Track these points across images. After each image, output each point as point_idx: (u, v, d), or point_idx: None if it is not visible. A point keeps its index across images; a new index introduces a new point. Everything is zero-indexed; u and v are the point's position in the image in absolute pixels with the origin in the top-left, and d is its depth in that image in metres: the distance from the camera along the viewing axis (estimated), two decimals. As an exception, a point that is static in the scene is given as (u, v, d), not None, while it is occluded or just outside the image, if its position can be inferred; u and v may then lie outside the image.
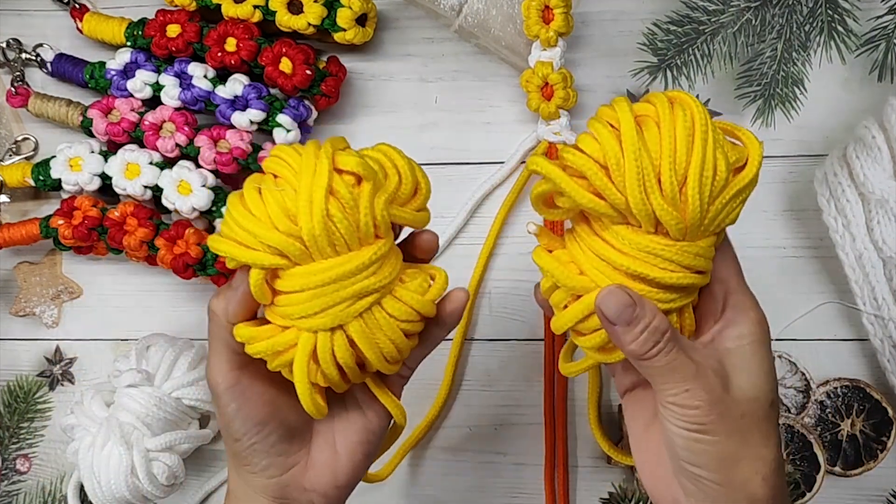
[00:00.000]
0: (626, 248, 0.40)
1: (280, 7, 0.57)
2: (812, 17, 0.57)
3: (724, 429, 0.40)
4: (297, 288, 0.39)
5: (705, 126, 0.39)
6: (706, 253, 0.40)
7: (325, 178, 0.38)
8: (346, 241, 0.39)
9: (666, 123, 0.39)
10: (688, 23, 0.57)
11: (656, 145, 0.38)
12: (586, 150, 0.39)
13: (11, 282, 0.64)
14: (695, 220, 0.39)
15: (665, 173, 0.38)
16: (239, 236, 0.39)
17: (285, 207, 0.38)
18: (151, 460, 0.55)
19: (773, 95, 0.57)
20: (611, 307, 0.39)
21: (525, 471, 0.60)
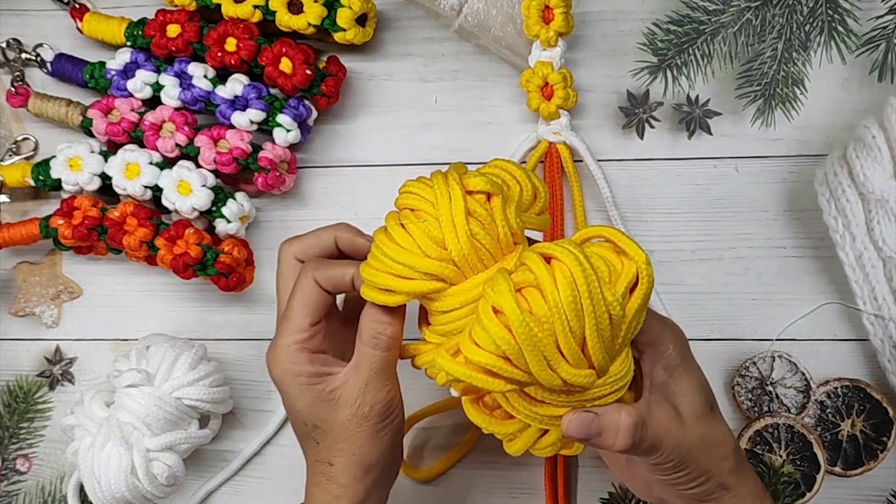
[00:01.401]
0: (549, 399, 0.42)
1: (280, 7, 0.57)
2: (812, 16, 0.57)
3: (695, 454, 0.44)
4: (457, 305, 0.43)
5: (587, 282, 0.39)
6: (622, 370, 0.42)
7: (462, 202, 0.42)
8: (492, 254, 0.43)
9: (550, 293, 0.39)
10: (688, 23, 0.57)
11: (547, 320, 0.38)
12: (482, 345, 0.39)
13: (11, 282, 0.64)
14: (604, 366, 0.40)
15: (564, 344, 0.39)
16: (394, 269, 0.43)
17: (432, 235, 0.42)
18: (151, 460, 0.55)
19: (773, 95, 0.57)
20: (577, 431, 0.42)
21: (525, 471, 0.60)
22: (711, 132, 0.58)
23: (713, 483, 0.45)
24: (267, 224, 0.62)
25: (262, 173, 0.58)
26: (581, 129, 0.59)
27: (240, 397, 0.62)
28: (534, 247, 0.41)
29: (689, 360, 0.46)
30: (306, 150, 0.62)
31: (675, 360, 0.45)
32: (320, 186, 0.62)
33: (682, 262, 0.59)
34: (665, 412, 0.44)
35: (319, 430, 0.45)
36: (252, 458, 0.62)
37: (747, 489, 0.46)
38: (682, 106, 0.58)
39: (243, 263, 0.59)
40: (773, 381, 0.58)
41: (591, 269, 0.39)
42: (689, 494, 0.45)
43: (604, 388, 0.42)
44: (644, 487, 0.49)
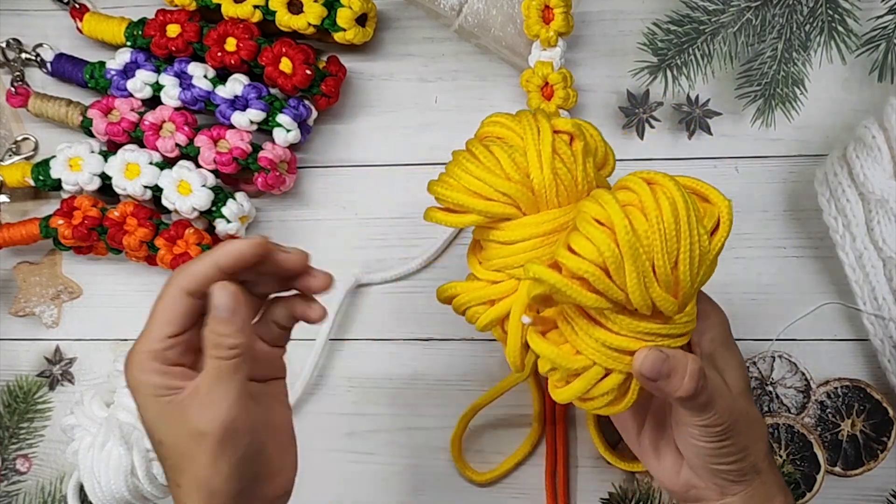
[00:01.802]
0: (626, 331, 0.41)
1: (280, 7, 0.57)
2: (812, 17, 0.57)
3: (739, 427, 0.44)
4: (525, 237, 0.44)
5: (687, 206, 0.40)
6: (693, 316, 0.43)
7: (550, 137, 0.44)
8: (568, 193, 0.44)
9: (652, 212, 0.40)
10: (688, 22, 0.57)
11: (648, 238, 0.39)
12: (583, 254, 0.39)
13: (11, 282, 0.64)
14: (687, 297, 0.41)
15: (659, 264, 0.40)
16: (473, 186, 0.44)
17: (516, 161, 0.43)
18: (151, 460, 0.55)
19: (773, 95, 0.57)
20: (650, 368, 0.41)
21: (525, 471, 0.60)
22: (711, 132, 0.58)
23: (749, 462, 0.45)
24: (267, 224, 0.62)
25: (262, 173, 0.58)
26: (581, 129, 0.59)
27: (240, 397, 0.62)
28: (632, 173, 0.42)
29: (732, 342, 0.47)
30: (306, 150, 0.62)
31: (720, 336, 0.46)
32: (320, 186, 0.62)
33: (682, 262, 0.59)
34: (716, 376, 0.44)
35: (163, 446, 0.42)
36: (252, 458, 0.62)
37: (773, 479, 0.46)
38: (682, 106, 0.58)
39: (243, 263, 0.59)
40: (773, 381, 0.58)
41: (689, 198, 0.40)
42: (726, 471, 0.45)
43: (678, 327, 0.42)
44: (671, 472, 0.48)
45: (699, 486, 0.46)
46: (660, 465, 0.48)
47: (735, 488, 0.46)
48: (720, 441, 0.44)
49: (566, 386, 0.44)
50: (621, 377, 0.43)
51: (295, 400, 0.60)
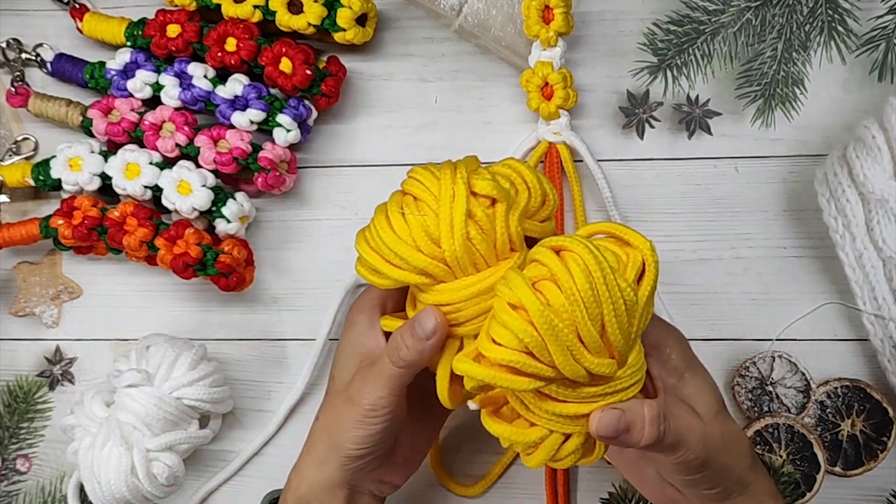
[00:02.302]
0: (572, 399, 0.41)
1: (280, 7, 0.57)
2: (812, 17, 0.57)
3: (715, 453, 0.44)
4: (443, 302, 0.43)
5: (600, 267, 0.39)
6: (638, 363, 0.42)
7: (464, 203, 0.42)
8: (485, 259, 0.43)
9: (565, 283, 0.39)
10: (688, 23, 0.57)
11: (566, 310, 0.38)
12: (503, 342, 0.39)
13: (11, 282, 0.64)
14: (624, 353, 0.40)
15: (584, 332, 0.39)
16: (386, 255, 0.43)
17: (428, 231, 0.43)
18: (151, 460, 0.55)
19: (773, 95, 0.57)
20: (606, 428, 0.41)
21: (525, 471, 0.60)
22: (711, 132, 0.58)
23: (732, 480, 0.45)
24: (267, 224, 0.62)
25: (262, 173, 0.58)
26: (581, 129, 0.59)
27: (240, 397, 0.62)
28: (541, 243, 0.41)
29: (696, 363, 0.46)
30: (306, 150, 0.62)
31: (681, 364, 0.45)
32: (320, 186, 0.62)
33: (682, 262, 0.59)
34: (684, 410, 0.44)
35: (333, 379, 0.50)
36: (252, 458, 0.62)
37: (763, 487, 0.46)
38: (682, 106, 0.58)
39: (243, 263, 0.59)
40: (773, 381, 0.58)
41: (602, 256, 0.39)
42: (710, 494, 0.45)
43: (624, 381, 0.41)
44: (657, 490, 0.48)
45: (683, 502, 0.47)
46: (643, 483, 0.49)
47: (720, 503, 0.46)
48: (698, 473, 0.44)
49: (532, 454, 0.43)
50: (581, 438, 0.42)
51: (295, 400, 0.61)
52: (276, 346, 0.62)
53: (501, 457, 0.60)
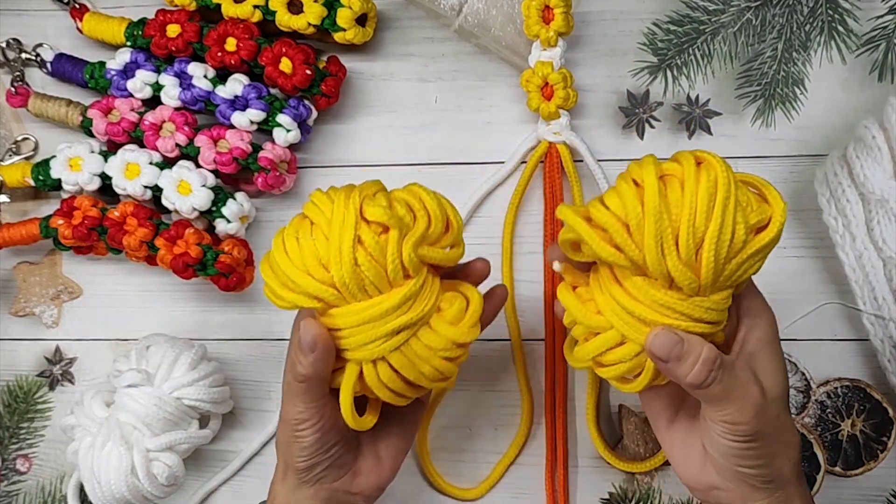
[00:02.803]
0: (642, 297, 0.42)
1: (280, 7, 0.57)
2: (812, 16, 0.57)
3: (767, 431, 0.43)
4: (338, 326, 0.43)
5: (728, 190, 0.40)
6: (719, 306, 0.42)
7: (352, 230, 0.42)
8: (376, 286, 0.43)
9: (689, 185, 0.40)
10: (688, 23, 0.57)
11: (678, 207, 0.40)
12: (609, 206, 0.41)
13: (11, 282, 0.64)
14: (708, 280, 0.41)
15: (683, 236, 0.40)
16: (282, 279, 0.44)
17: (318, 256, 0.43)
18: (151, 460, 0.55)
19: (773, 95, 0.57)
20: (660, 347, 0.42)
21: (525, 471, 0.60)
22: (711, 132, 0.58)
23: (774, 469, 0.44)
24: (267, 224, 0.62)
25: (262, 173, 0.58)
26: (581, 129, 0.59)
27: (240, 397, 0.62)
28: (687, 151, 0.42)
29: (778, 346, 0.46)
30: (306, 150, 0.62)
31: (765, 338, 0.45)
32: (320, 186, 0.62)
33: (682, 262, 0.59)
34: (747, 376, 0.44)
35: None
36: (252, 458, 0.62)
37: (800, 492, 0.46)
38: (682, 106, 0.58)
39: (243, 263, 0.59)
40: (773, 381, 0.58)
41: (734, 187, 0.40)
42: (750, 475, 0.44)
43: (697, 310, 0.42)
44: (696, 471, 0.47)
45: (722, 489, 0.46)
46: (685, 463, 0.48)
47: (758, 495, 0.45)
48: (745, 442, 0.43)
49: (584, 345, 0.44)
50: (635, 348, 0.43)
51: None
52: (276, 346, 0.62)
53: (501, 457, 0.60)
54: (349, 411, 0.45)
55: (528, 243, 0.60)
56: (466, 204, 0.60)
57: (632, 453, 0.58)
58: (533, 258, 0.60)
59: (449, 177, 0.61)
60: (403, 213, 0.43)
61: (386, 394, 0.45)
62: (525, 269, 0.60)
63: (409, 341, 0.44)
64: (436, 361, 0.44)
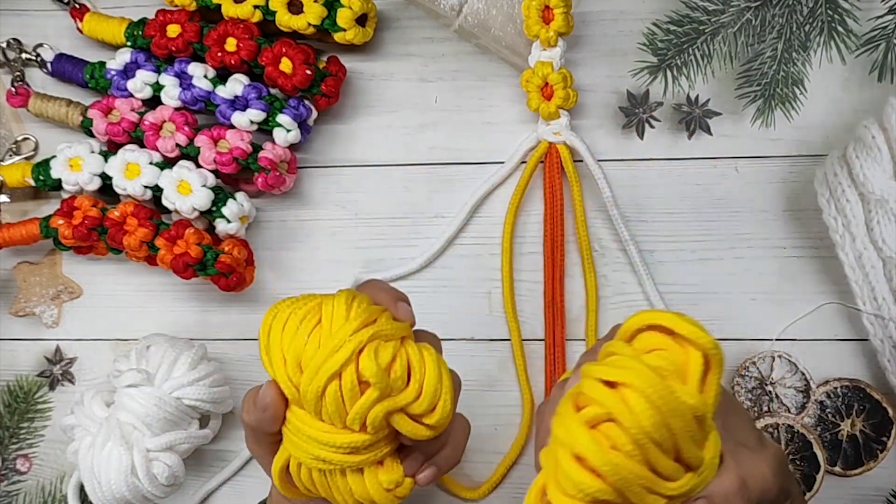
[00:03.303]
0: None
1: (280, 7, 0.57)
2: (812, 17, 0.57)
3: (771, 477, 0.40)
4: (289, 419, 0.43)
5: (663, 396, 0.35)
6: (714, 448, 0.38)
7: (339, 363, 0.40)
8: (331, 419, 0.42)
9: (629, 423, 0.35)
10: (688, 23, 0.57)
11: (635, 453, 0.35)
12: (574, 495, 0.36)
13: (11, 282, 0.64)
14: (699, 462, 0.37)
15: (660, 466, 0.36)
16: (266, 346, 0.43)
17: (301, 355, 0.41)
18: (151, 460, 0.55)
19: (773, 95, 0.57)
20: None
21: (525, 471, 0.60)
22: (711, 132, 0.58)
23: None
24: (267, 224, 0.62)
25: (262, 173, 0.58)
26: (581, 129, 0.59)
27: (240, 397, 0.62)
28: (589, 372, 0.37)
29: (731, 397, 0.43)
30: (306, 150, 0.62)
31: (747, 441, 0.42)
32: (320, 186, 0.62)
33: (682, 262, 0.59)
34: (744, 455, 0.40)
35: None
36: (252, 459, 0.62)
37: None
38: (682, 106, 0.58)
39: (243, 263, 0.59)
40: (772, 381, 0.58)
41: (661, 381, 0.35)
42: None
43: (704, 474, 0.38)
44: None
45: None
46: None
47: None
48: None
49: None
50: None
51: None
52: (276, 346, 0.62)
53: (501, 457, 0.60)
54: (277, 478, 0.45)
55: (528, 243, 0.60)
56: (466, 204, 0.60)
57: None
58: (533, 258, 0.60)
59: (449, 177, 0.61)
60: (397, 377, 0.41)
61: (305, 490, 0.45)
62: (525, 269, 0.60)
63: (335, 472, 0.44)
64: (351, 500, 0.44)
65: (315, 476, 0.44)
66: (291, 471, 0.45)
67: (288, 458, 0.45)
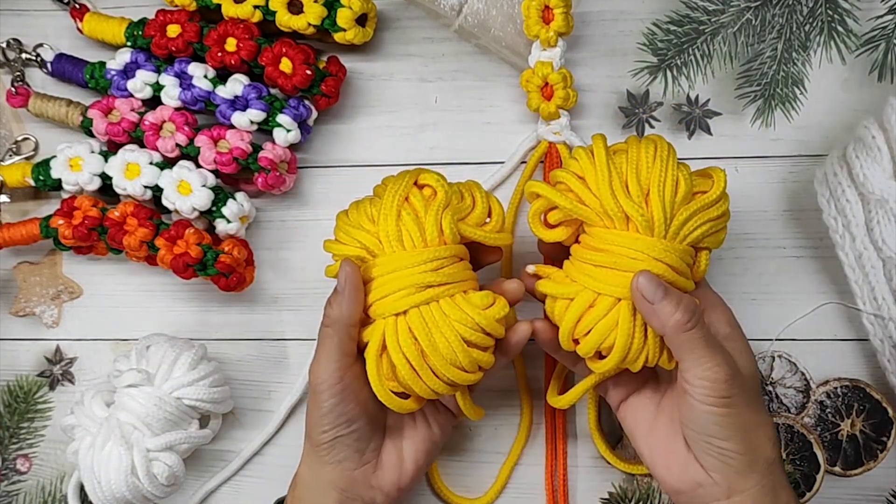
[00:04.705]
0: (608, 245, 0.47)
1: (280, 7, 0.57)
2: (812, 17, 0.57)
3: (743, 400, 0.45)
4: (373, 276, 0.48)
5: (666, 155, 0.47)
6: (682, 254, 0.47)
7: (404, 190, 0.48)
8: (413, 241, 0.47)
9: (633, 150, 0.48)
10: (688, 23, 0.57)
11: (624, 164, 0.47)
12: (569, 167, 0.49)
13: (11, 282, 0.64)
14: (660, 219, 0.46)
15: (631, 182, 0.46)
16: (339, 237, 0.50)
17: (370, 214, 0.49)
18: (151, 460, 0.55)
19: (773, 95, 0.57)
20: (645, 286, 0.45)
21: (525, 471, 0.60)
22: (711, 132, 0.58)
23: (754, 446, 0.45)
24: (267, 224, 0.62)
25: (262, 173, 0.58)
26: (581, 129, 0.59)
27: (240, 397, 0.62)
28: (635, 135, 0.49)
29: (741, 331, 0.49)
30: (306, 150, 0.62)
31: (730, 322, 0.49)
32: (320, 186, 0.62)
33: (682, 262, 0.59)
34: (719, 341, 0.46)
35: None
36: (252, 458, 0.62)
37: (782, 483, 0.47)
38: (682, 106, 0.58)
39: (243, 263, 0.59)
40: (772, 381, 0.58)
41: (673, 153, 0.48)
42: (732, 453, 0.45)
43: (660, 250, 0.46)
44: (680, 468, 0.48)
45: (707, 484, 0.46)
46: (668, 464, 0.48)
47: (742, 484, 0.45)
48: (723, 407, 0.44)
49: (565, 313, 0.47)
50: (607, 303, 0.46)
51: (295, 400, 0.61)
52: (276, 346, 0.62)
53: (501, 457, 0.60)
54: (375, 376, 0.47)
55: (528, 243, 0.60)
56: (466, 204, 0.60)
57: (632, 453, 0.58)
58: (533, 258, 0.60)
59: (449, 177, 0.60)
60: (455, 191, 0.49)
61: (402, 361, 0.46)
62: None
63: (430, 305, 0.47)
64: (452, 335, 0.46)
65: (414, 321, 0.46)
66: (388, 343, 0.47)
67: (383, 336, 0.47)
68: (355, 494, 0.50)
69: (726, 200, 0.48)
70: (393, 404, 0.48)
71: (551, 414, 0.59)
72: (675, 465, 0.48)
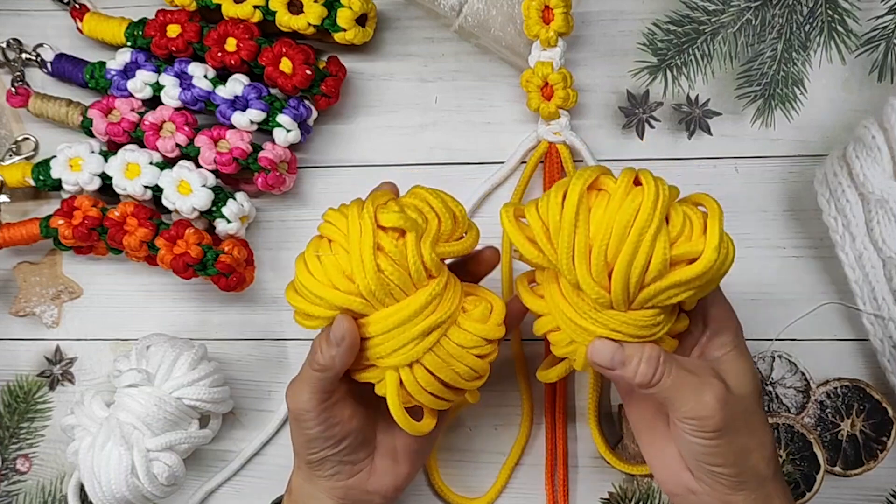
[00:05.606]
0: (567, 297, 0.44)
1: (280, 7, 0.57)
2: (812, 17, 0.57)
3: (735, 427, 0.44)
4: (370, 334, 0.45)
5: (648, 219, 0.41)
6: (640, 323, 0.43)
7: (371, 238, 0.43)
8: (402, 289, 0.44)
9: (612, 206, 0.41)
10: (688, 23, 0.57)
11: (596, 225, 0.42)
12: (538, 210, 0.44)
13: (11, 282, 0.64)
14: (618, 299, 0.42)
15: (595, 252, 0.42)
16: (309, 298, 0.45)
17: (341, 269, 0.44)
18: (151, 460, 0.55)
19: (773, 95, 0.57)
20: (601, 356, 0.44)
21: (525, 471, 0.60)
22: (711, 132, 0.58)
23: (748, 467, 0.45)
24: (267, 224, 0.62)
25: (262, 173, 0.58)
26: (581, 129, 0.59)
27: (240, 397, 0.62)
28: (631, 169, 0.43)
29: (744, 349, 0.47)
30: (306, 150, 0.62)
31: (732, 342, 0.47)
32: (320, 186, 0.62)
33: (682, 262, 0.59)
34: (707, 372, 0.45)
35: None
36: (252, 458, 0.62)
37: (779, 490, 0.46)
38: (682, 106, 0.58)
39: (243, 263, 0.59)
40: (772, 381, 0.58)
41: (659, 214, 0.41)
42: (724, 474, 0.45)
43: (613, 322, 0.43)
44: (673, 475, 0.47)
45: (699, 493, 0.46)
46: (663, 468, 0.48)
47: (736, 497, 0.45)
48: (712, 439, 0.44)
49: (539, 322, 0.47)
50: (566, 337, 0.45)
51: (295, 400, 0.61)
52: (276, 346, 0.62)
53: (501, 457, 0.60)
54: (402, 419, 0.46)
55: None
56: (466, 204, 0.59)
57: (632, 453, 0.58)
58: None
59: (449, 177, 0.61)
60: (416, 216, 0.45)
61: (426, 398, 0.46)
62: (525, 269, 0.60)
63: (440, 342, 0.45)
64: (469, 359, 0.45)
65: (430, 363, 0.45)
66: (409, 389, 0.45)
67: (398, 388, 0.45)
68: (353, 500, 0.50)
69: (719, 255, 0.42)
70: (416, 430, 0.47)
71: (551, 414, 0.59)
72: (670, 469, 0.48)
